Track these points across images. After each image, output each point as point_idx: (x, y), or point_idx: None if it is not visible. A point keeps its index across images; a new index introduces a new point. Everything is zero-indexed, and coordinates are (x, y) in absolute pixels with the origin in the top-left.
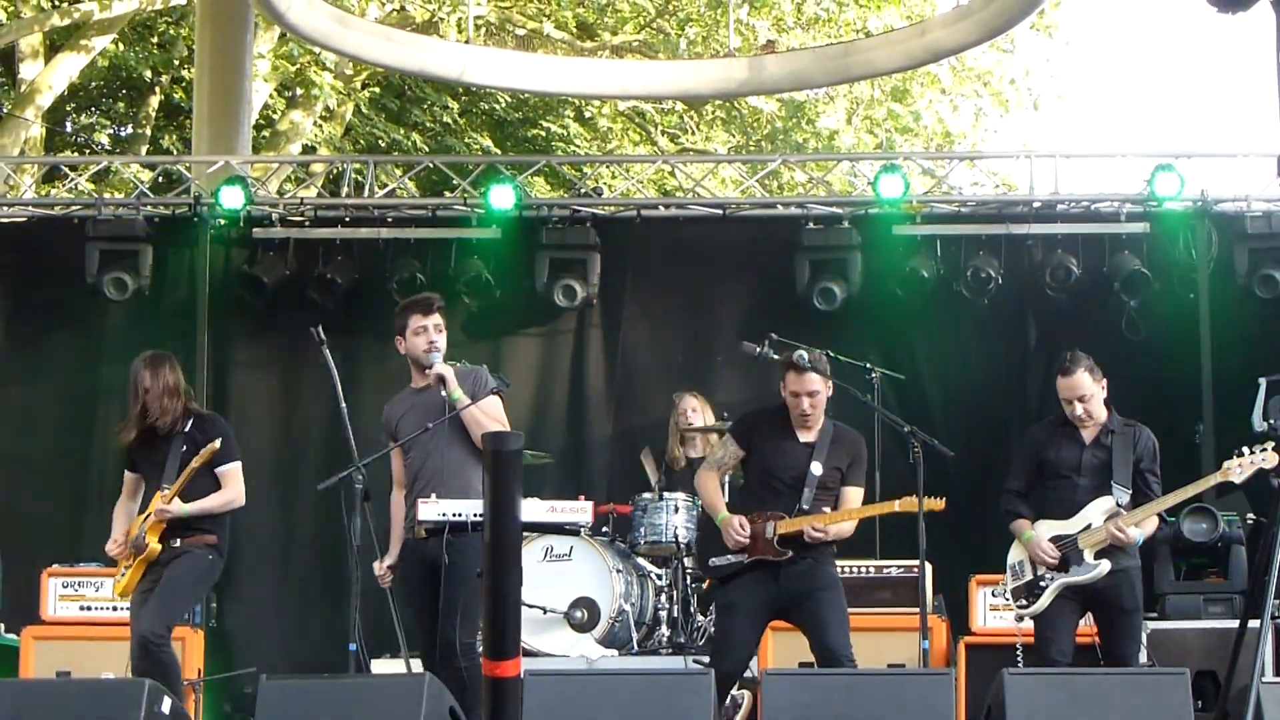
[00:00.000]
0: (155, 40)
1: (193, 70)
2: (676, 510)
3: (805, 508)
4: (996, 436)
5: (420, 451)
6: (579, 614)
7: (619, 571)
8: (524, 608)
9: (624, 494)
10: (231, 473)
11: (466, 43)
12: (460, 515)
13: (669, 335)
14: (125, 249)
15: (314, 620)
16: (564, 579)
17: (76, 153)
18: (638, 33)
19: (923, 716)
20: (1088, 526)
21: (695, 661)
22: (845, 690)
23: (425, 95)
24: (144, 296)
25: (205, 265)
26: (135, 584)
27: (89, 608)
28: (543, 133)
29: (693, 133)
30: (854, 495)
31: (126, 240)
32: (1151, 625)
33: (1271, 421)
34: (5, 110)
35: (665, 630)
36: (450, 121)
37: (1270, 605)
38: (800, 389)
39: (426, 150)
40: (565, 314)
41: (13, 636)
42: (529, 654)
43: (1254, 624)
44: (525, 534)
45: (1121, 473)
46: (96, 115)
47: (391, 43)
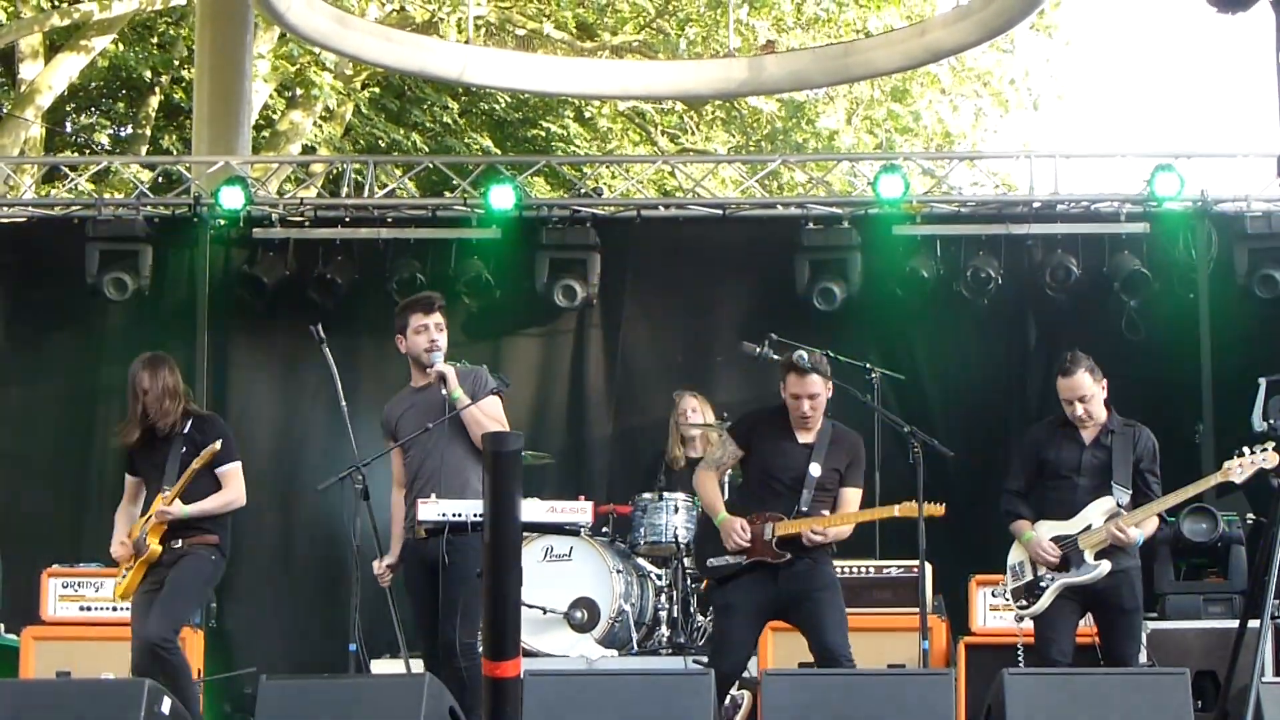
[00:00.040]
0: (155, 40)
1: (193, 70)
2: (676, 510)
3: (804, 509)
4: (996, 436)
5: (420, 451)
6: (579, 614)
7: (619, 572)
8: (524, 608)
9: (624, 494)
10: (232, 473)
11: (466, 43)
12: (460, 515)
13: (669, 335)
14: (125, 249)
15: (314, 620)
16: (564, 579)
17: (76, 153)
18: (637, 33)
19: (923, 716)
20: (1088, 527)
21: (695, 662)
22: (845, 690)
23: (425, 95)
24: (144, 297)
25: (205, 265)
26: (136, 586)
27: (89, 608)
28: (543, 133)
29: (693, 133)
30: (852, 496)
31: (126, 240)
32: (1151, 625)
33: (1271, 421)
34: (5, 110)
35: (665, 630)
36: (450, 122)
37: (1270, 605)
38: (801, 391)
39: (426, 150)
40: (565, 314)
41: (13, 637)
42: (529, 654)
43: (1254, 624)
44: (525, 534)
45: (1121, 473)
46: (96, 115)
47: (391, 43)
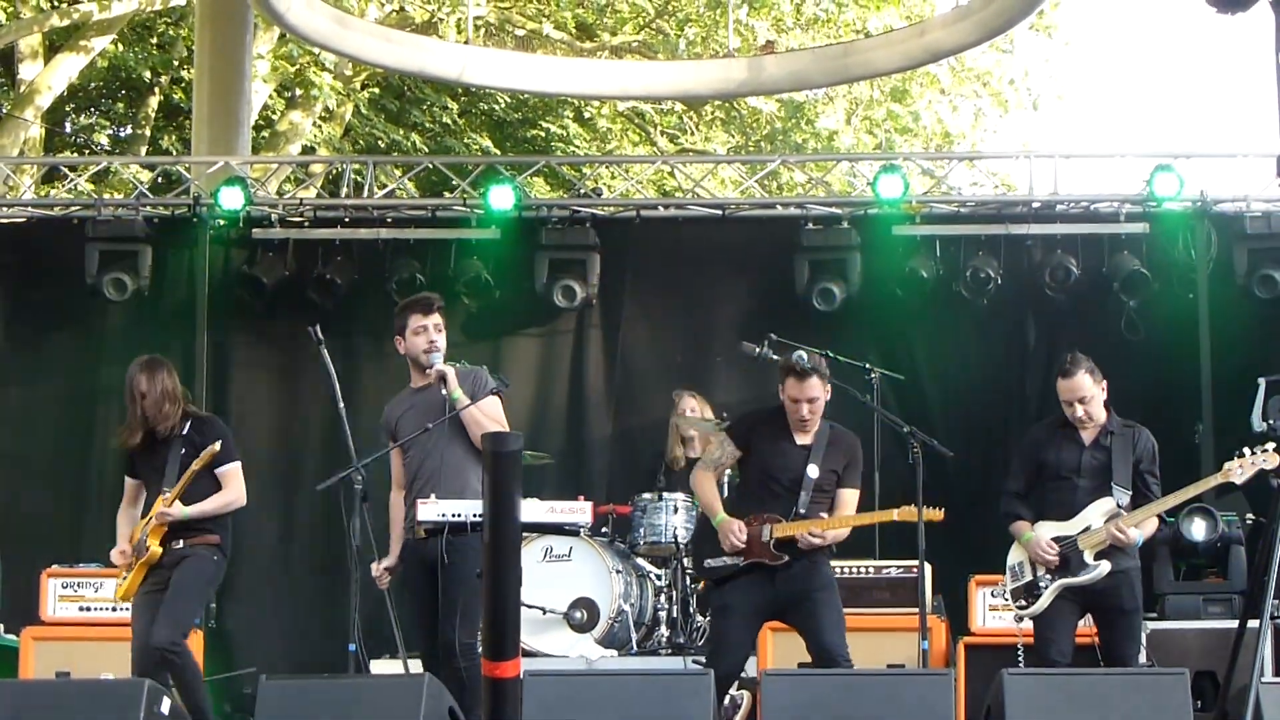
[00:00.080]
0: (155, 41)
1: (192, 71)
2: (676, 510)
3: (802, 511)
4: (996, 437)
5: (419, 451)
6: (578, 614)
7: (618, 572)
8: (523, 608)
9: (623, 494)
10: (231, 473)
11: (466, 43)
12: (459, 515)
13: (668, 335)
14: (125, 249)
15: (314, 620)
16: (563, 579)
17: (76, 153)
18: (637, 33)
19: (922, 717)
20: (1088, 528)
21: (694, 662)
22: (845, 691)
23: (425, 96)
24: (143, 297)
25: (205, 266)
26: (136, 587)
27: (88, 608)
28: (542, 133)
29: (692, 133)
30: (849, 497)
31: (126, 241)
32: (1151, 625)
33: (1271, 421)
34: (5, 111)
35: (664, 630)
36: (449, 122)
37: (1270, 605)
38: (800, 396)
39: (426, 151)
40: (565, 314)
41: (12, 637)
42: (528, 654)
43: (1253, 624)
44: (525, 534)
45: (1121, 474)
46: (96, 116)
47: (391, 43)
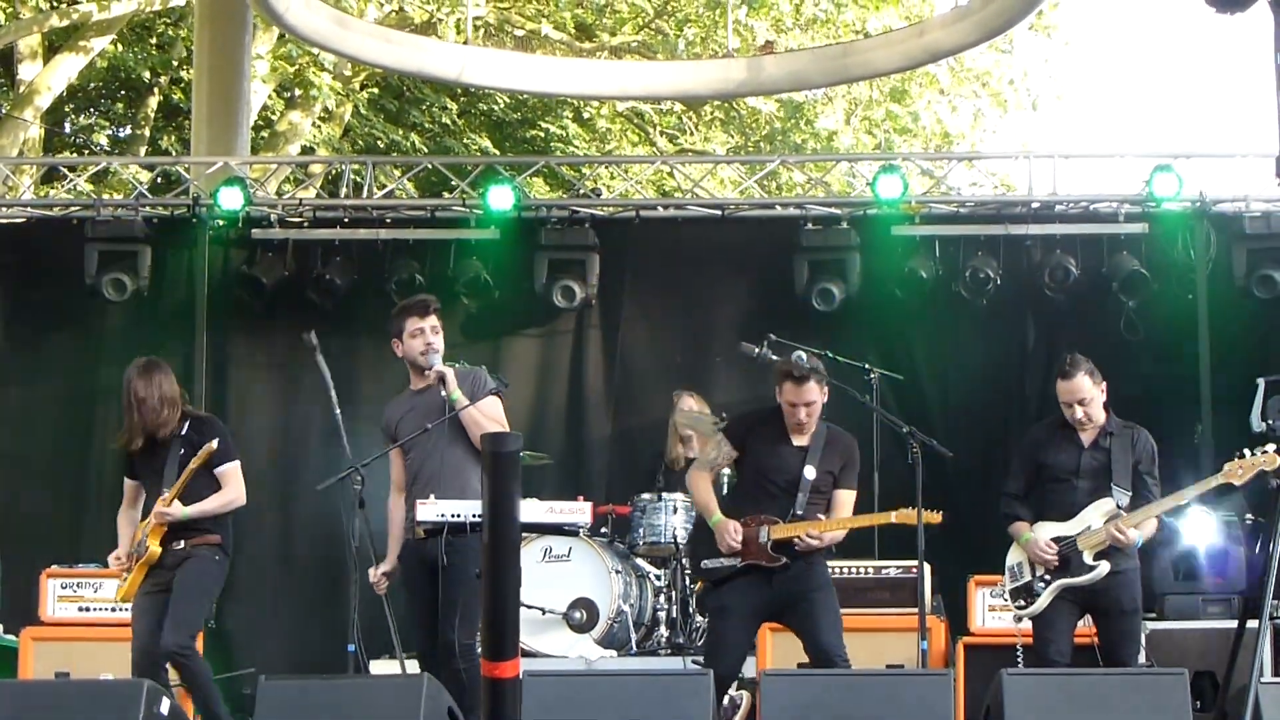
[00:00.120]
0: (154, 41)
1: (191, 71)
2: (675, 511)
3: (799, 512)
4: (995, 437)
5: (419, 452)
6: (578, 615)
7: (618, 572)
8: (523, 608)
9: (623, 495)
10: (231, 472)
11: (465, 44)
12: (459, 516)
13: (668, 336)
14: (124, 250)
15: (313, 620)
16: (563, 580)
17: (75, 153)
18: (636, 33)
19: (921, 717)
20: (1087, 528)
21: (694, 662)
22: (844, 691)
23: (424, 96)
24: (143, 297)
25: (204, 266)
26: (136, 588)
27: (88, 609)
28: (541, 133)
29: (691, 133)
30: (846, 498)
31: (125, 241)
32: (1150, 626)
33: (1270, 422)
34: (4, 111)
35: (664, 631)
36: (449, 122)
37: (1269, 605)
38: (798, 399)
39: (425, 151)
40: (564, 315)
41: (12, 637)
42: (528, 654)
43: (1253, 624)
44: (524, 535)
45: (1121, 475)
46: (95, 116)
47: (390, 44)
